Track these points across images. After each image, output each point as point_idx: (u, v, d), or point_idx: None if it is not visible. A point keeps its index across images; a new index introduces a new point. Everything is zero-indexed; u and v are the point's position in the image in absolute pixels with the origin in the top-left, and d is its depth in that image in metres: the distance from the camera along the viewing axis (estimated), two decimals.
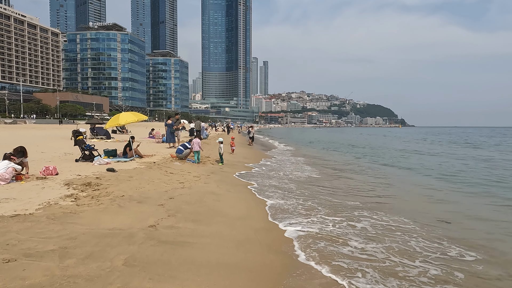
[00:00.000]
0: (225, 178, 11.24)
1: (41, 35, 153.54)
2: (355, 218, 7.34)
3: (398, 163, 20.21)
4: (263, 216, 7.16)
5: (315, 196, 9.46)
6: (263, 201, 8.52)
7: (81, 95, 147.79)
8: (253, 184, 10.88)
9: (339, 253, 5.32)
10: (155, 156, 15.10)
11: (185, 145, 14.57)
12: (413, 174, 15.58)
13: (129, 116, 13.99)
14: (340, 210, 8.01)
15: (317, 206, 8.22)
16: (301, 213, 7.60)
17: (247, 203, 8.03)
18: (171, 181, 9.52)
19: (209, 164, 14.12)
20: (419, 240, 6.03)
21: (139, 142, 16.87)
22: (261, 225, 6.43)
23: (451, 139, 56.80)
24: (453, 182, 13.07)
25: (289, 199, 8.99)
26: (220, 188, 9.23)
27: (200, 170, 12.06)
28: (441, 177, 14.20)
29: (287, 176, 13.30)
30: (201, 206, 7.06)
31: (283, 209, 7.81)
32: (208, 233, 5.51)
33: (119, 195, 7.27)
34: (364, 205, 8.55)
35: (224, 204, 7.60)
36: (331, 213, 7.63)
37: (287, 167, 16.78)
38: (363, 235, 6.21)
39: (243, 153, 21.63)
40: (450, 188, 11.64)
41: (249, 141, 30.87)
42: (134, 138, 14.54)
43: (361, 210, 8.03)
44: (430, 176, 14.85)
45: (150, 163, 12.52)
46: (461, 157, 24.64)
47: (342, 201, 8.98)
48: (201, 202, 7.42)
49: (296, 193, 9.83)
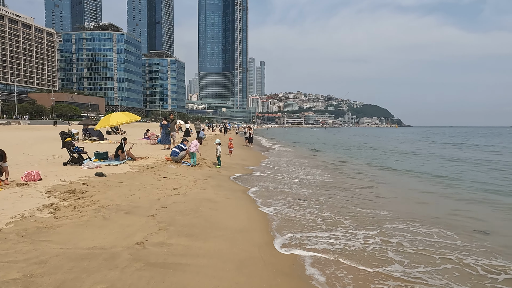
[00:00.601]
0: (223, 183, 10.49)
1: (36, 35, 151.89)
2: (388, 231, 6.45)
3: (417, 167, 18.36)
4: (267, 228, 6.39)
5: (330, 204, 8.65)
6: (267, 210, 7.77)
7: (77, 95, 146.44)
8: (254, 189, 10.14)
9: (375, 277, 4.50)
10: (148, 158, 14.33)
11: (180, 147, 13.81)
12: (441, 181, 13.96)
13: (121, 117, 13.19)
14: (366, 221, 7.13)
15: (334, 216, 7.43)
16: (316, 224, 6.78)
17: (249, 212, 7.27)
18: (164, 187, 8.76)
19: (205, 167, 13.36)
20: (472, 257, 5.27)
21: (132, 143, 16.10)
22: (265, 239, 5.67)
23: (464, 142, 49.47)
24: (482, 189, 11.68)
25: (299, 207, 8.20)
26: (218, 195, 8.48)
27: (196, 174, 11.31)
28: (472, 185, 12.57)
29: (294, 180, 12.52)
30: (197, 217, 6.31)
31: (291, 219, 7.04)
32: (205, 251, 4.76)
33: (105, 204, 6.52)
34: (394, 215, 7.69)
35: (222, 213, 6.85)
36: (356, 226, 6.75)
37: (291, 169, 16.02)
38: (402, 253, 5.34)
39: (242, 155, 20.87)
40: (481, 196, 10.54)
41: (246, 142, 30.01)
42: (126, 140, 13.78)
43: (393, 221, 7.14)
44: (459, 183, 13.23)
45: (143, 167, 11.75)
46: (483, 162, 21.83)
47: (367, 210, 8.10)
48: (196, 211, 6.67)
49: (306, 200, 9.04)
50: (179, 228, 5.53)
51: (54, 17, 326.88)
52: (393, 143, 46.37)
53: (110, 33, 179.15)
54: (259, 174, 13.82)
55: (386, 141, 55.04)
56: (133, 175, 9.93)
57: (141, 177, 9.75)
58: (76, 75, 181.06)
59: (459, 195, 10.64)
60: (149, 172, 10.76)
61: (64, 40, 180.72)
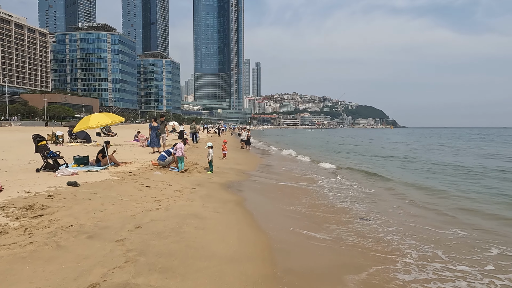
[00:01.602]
0: (214, 192, 9.31)
1: (29, 35, 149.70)
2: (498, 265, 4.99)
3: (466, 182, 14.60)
4: (265, 254, 5.15)
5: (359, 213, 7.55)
6: (265, 227, 6.61)
7: (70, 96, 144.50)
8: (249, 200, 8.96)
9: None
10: (134, 163, 13.10)
11: (169, 152, 12.63)
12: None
13: (102, 118, 12.00)
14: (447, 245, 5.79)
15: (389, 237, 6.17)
16: (352, 251, 5.51)
17: (242, 232, 6.03)
18: (144, 199, 7.56)
19: (195, 173, 12.17)
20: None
21: (116, 147, 14.89)
22: (262, 271, 4.46)
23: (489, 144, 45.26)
24: None
25: (305, 220, 7.07)
26: (206, 208, 7.28)
27: (184, 182, 10.12)
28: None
29: (295, 185, 11.38)
30: (178, 240, 5.13)
31: (297, 242, 5.91)
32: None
33: (65, 224, 5.32)
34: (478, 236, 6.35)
35: (209, 234, 5.65)
36: (430, 256, 5.39)
37: (291, 174, 14.87)
38: None
39: (236, 158, 19.65)
40: None
41: (241, 144, 28.78)
42: (109, 143, 12.56)
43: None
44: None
45: (125, 173, 10.55)
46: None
47: (442, 230, 6.78)
48: (178, 232, 5.48)
49: (311, 211, 7.92)
50: (152, 258, 4.35)
51: (48, 18, 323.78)
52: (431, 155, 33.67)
53: (104, 33, 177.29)
54: (256, 180, 12.66)
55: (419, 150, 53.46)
56: (111, 184, 8.72)
57: (120, 187, 8.54)
58: (70, 76, 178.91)
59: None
60: (130, 180, 9.56)
61: (58, 41, 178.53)
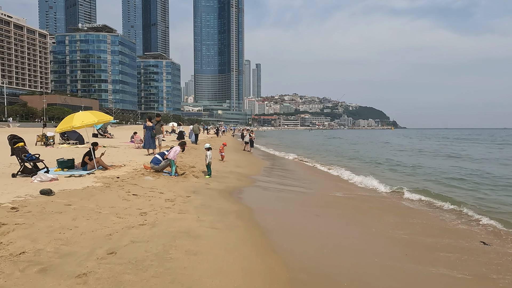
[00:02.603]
0: (212, 201, 8.04)
1: (28, 36, 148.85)
2: None
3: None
4: None
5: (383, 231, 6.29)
6: (278, 247, 5.38)
7: (70, 97, 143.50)
8: (254, 210, 7.69)
9: None
10: (125, 167, 11.91)
11: (163, 154, 11.45)
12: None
13: (86, 117, 10.82)
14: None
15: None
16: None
17: (246, 257, 4.77)
18: (128, 211, 6.33)
19: (192, 177, 10.90)
20: None
21: (105, 149, 13.70)
22: None
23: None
24: None
25: (325, 237, 5.83)
26: (202, 223, 6.03)
27: (177, 189, 8.86)
28: None
29: (309, 192, 10.13)
30: (161, 273, 3.90)
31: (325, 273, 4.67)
32: None
33: (16, 251, 4.11)
34: None
35: (203, 262, 4.39)
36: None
37: (301, 179, 13.56)
38: None
39: (237, 161, 18.39)
40: None
41: (244, 146, 27.16)
42: (97, 145, 11.39)
43: None
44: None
45: (112, 178, 9.37)
46: None
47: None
48: (163, 260, 4.25)
49: (336, 226, 6.67)
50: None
51: (48, 19, 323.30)
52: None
53: (104, 34, 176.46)
54: (261, 185, 11.43)
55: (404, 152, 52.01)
56: (92, 192, 7.49)
57: (101, 196, 7.31)
58: (70, 77, 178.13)
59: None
60: (116, 186, 8.33)
61: (58, 42, 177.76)
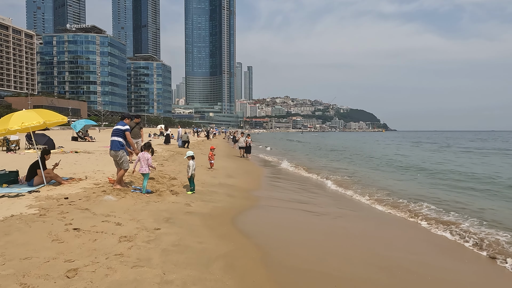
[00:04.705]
0: (190, 236, 5.49)
1: (14, 36, 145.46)
2: None
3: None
4: None
5: None
6: None
7: (57, 99, 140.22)
8: (255, 250, 5.19)
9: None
10: (86, 180, 9.68)
11: (122, 143, 8.64)
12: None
13: (28, 117, 8.48)
14: None
15: None
16: None
17: None
18: (49, 266, 3.89)
19: (168, 195, 8.45)
20: None
21: (60, 158, 11.47)
22: None
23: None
24: None
25: None
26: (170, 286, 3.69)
27: (145, 215, 6.49)
28: None
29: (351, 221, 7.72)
30: None
31: None
32: None
33: None
34: None
35: None
36: None
37: (316, 195, 11.00)
38: None
39: (229, 169, 16.07)
40: None
41: (241, 152, 24.30)
42: (48, 153, 9.29)
43: None
44: None
45: (58, 200, 7.07)
46: None
47: None
48: None
49: None
50: None
51: (36, 20, 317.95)
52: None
53: (93, 35, 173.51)
54: (263, 204, 8.79)
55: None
56: (10, 229, 5.13)
57: (21, 235, 4.93)
58: (57, 78, 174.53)
59: None
60: (56, 214, 5.96)
61: (45, 42, 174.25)
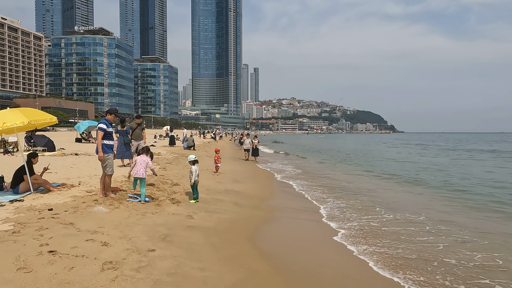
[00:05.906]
0: (189, 261, 4.43)
1: (23, 38, 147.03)
2: None
3: None
4: None
5: None
6: None
7: (65, 101, 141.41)
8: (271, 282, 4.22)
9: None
10: (78, 186, 8.84)
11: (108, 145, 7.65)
12: None
13: (12, 117, 7.68)
14: None
15: None
16: None
17: None
18: None
19: (168, 205, 7.41)
20: None
21: (49, 162, 10.81)
22: None
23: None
24: None
25: None
26: None
27: (138, 231, 5.46)
28: None
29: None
30: None
31: None
32: None
33: None
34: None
35: None
36: None
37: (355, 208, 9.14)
38: None
39: (235, 173, 15.26)
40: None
41: (245, 155, 23.64)
42: (36, 156, 8.55)
43: None
44: None
45: (41, 212, 6.18)
46: None
47: None
48: None
49: None
50: None
51: (45, 22, 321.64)
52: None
53: (100, 37, 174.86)
54: (280, 217, 7.72)
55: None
56: None
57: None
58: (65, 80, 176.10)
59: None
60: (32, 231, 5.01)
61: (53, 45, 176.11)
